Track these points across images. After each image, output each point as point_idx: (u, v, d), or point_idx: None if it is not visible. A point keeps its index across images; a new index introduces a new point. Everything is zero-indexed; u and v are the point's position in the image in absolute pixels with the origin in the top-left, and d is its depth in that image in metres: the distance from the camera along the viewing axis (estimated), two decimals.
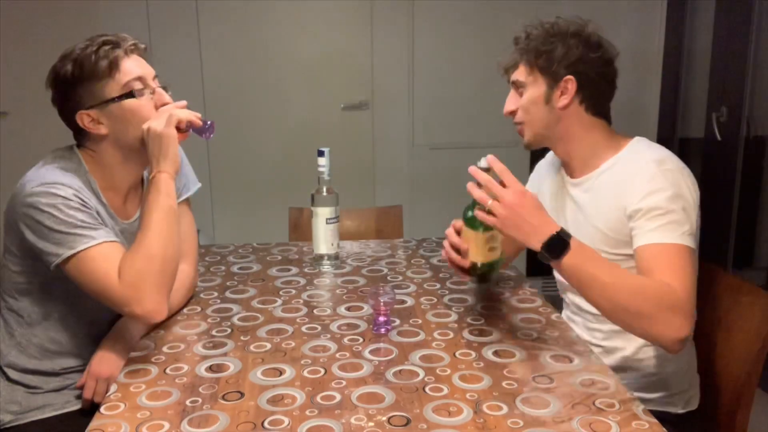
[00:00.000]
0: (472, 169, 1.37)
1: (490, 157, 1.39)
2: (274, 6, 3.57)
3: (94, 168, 1.52)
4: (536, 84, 1.54)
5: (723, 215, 3.23)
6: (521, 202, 1.32)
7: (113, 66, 1.45)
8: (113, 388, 1.31)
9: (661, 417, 1.21)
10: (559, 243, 1.30)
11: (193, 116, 1.52)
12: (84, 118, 1.47)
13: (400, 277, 1.91)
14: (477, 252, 1.48)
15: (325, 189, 1.96)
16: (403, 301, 1.73)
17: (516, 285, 1.84)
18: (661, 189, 1.41)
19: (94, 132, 1.48)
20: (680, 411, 1.53)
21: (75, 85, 1.45)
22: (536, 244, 1.32)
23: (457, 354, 1.43)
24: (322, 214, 1.94)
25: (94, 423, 1.19)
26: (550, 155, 1.76)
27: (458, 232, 1.52)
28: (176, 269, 1.49)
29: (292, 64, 3.63)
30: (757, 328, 1.50)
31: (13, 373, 1.55)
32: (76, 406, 1.55)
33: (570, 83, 1.50)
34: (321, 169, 1.97)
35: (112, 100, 1.46)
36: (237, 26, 3.57)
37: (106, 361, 1.49)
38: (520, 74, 1.56)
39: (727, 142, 3.18)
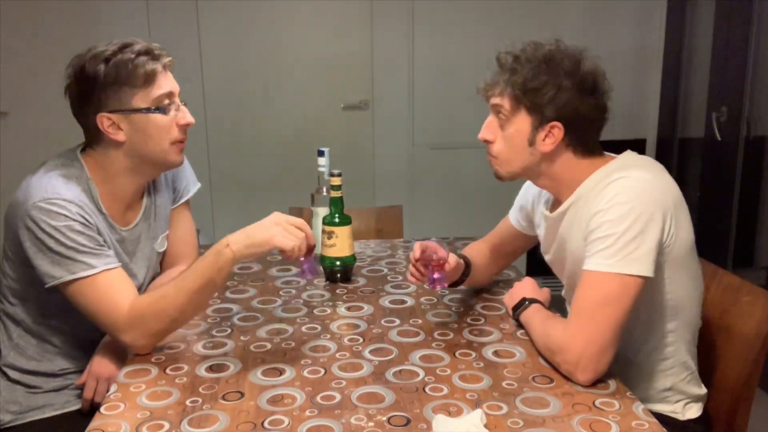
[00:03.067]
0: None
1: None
2: (274, 6, 3.57)
3: (97, 174, 1.49)
4: (519, 121, 1.40)
5: (723, 215, 3.23)
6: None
7: (150, 78, 1.43)
8: (113, 388, 1.31)
9: (662, 421, 1.20)
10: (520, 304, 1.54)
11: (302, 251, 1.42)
12: (104, 121, 1.43)
13: (400, 277, 1.91)
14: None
15: (325, 189, 1.96)
16: (402, 301, 1.73)
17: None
18: (605, 211, 1.31)
19: (111, 136, 1.45)
20: (682, 419, 1.52)
21: (104, 87, 1.41)
22: (509, 308, 1.59)
23: (457, 354, 1.43)
24: (322, 214, 1.94)
25: (94, 423, 1.19)
26: None
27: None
28: (182, 325, 1.50)
29: (292, 64, 3.63)
30: (757, 328, 1.50)
31: (12, 374, 1.55)
32: (76, 406, 1.55)
33: (557, 129, 1.37)
34: (321, 169, 1.97)
35: (140, 110, 1.44)
36: (237, 26, 3.57)
37: (106, 361, 1.49)
38: (504, 103, 1.41)
39: (727, 142, 3.18)
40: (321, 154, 1.97)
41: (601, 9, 3.65)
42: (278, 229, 1.38)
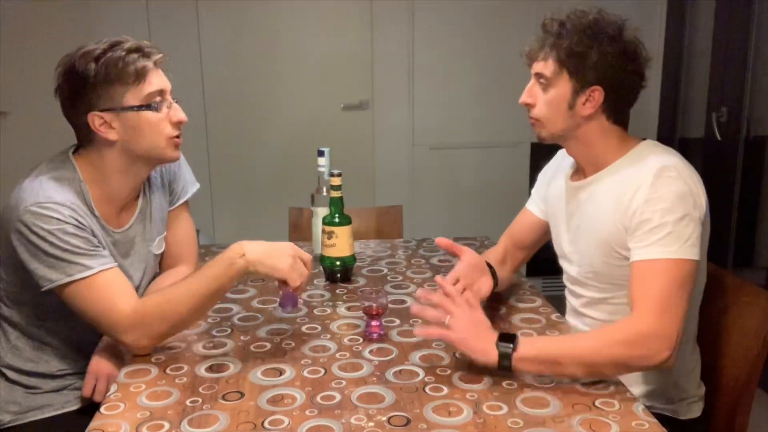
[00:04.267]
0: (438, 280, 1.44)
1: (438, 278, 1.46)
2: (274, 6, 3.57)
3: (91, 176, 1.48)
4: (562, 85, 1.44)
5: (723, 215, 3.23)
6: (474, 317, 1.36)
7: (140, 76, 1.42)
8: (113, 388, 1.31)
9: (663, 422, 1.20)
10: (506, 356, 1.30)
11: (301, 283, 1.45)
12: (95, 120, 1.43)
13: (400, 277, 1.91)
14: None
15: (325, 189, 1.96)
16: (402, 301, 1.73)
17: (516, 285, 1.83)
18: (656, 200, 1.36)
19: (103, 135, 1.44)
20: (682, 418, 1.52)
21: (95, 86, 1.40)
22: (489, 356, 1.31)
23: (457, 354, 1.43)
24: (322, 214, 1.94)
25: (94, 423, 1.19)
26: (554, 160, 1.72)
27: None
28: (185, 329, 1.49)
29: (292, 64, 3.63)
30: (757, 328, 1.50)
31: (11, 374, 1.54)
32: (76, 406, 1.55)
33: (597, 93, 1.42)
34: (321, 169, 1.97)
35: (131, 108, 1.43)
36: (237, 26, 3.57)
37: (105, 360, 1.49)
38: (546, 69, 1.45)
39: (727, 142, 3.18)
40: (321, 154, 1.97)
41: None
42: (291, 262, 1.42)
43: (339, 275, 1.87)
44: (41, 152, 1.56)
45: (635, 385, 1.50)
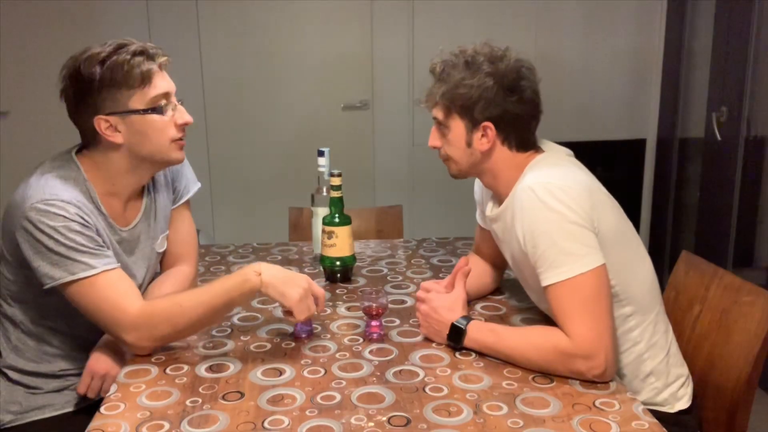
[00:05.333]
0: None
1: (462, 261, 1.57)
2: (274, 6, 3.57)
3: (95, 174, 1.49)
4: (455, 125, 1.48)
5: (723, 215, 3.23)
6: (436, 303, 1.48)
7: (146, 79, 1.42)
8: (113, 388, 1.31)
9: (656, 418, 1.21)
10: (457, 331, 1.42)
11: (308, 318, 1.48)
12: (101, 123, 1.43)
13: (400, 277, 1.91)
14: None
15: (325, 189, 1.96)
16: (403, 301, 1.73)
17: (516, 285, 1.83)
18: (530, 231, 1.37)
19: (109, 139, 1.44)
20: (672, 411, 1.53)
21: (100, 89, 1.40)
22: (444, 340, 1.45)
23: (457, 354, 1.43)
24: (322, 214, 1.94)
25: (94, 423, 1.19)
26: None
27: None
28: (188, 336, 1.49)
29: (292, 64, 3.63)
30: (757, 328, 1.50)
31: (12, 375, 1.54)
32: (77, 406, 1.55)
33: (489, 129, 1.45)
34: (321, 169, 1.97)
35: (137, 111, 1.43)
36: (237, 26, 3.57)
37: (104, 358, 1.49)
38: (438, 113, 1.50)
39: (727, 142, 3.18)
40: (321, 154, 1.97)
41: (600, 9, 3.65)
42: (303, 294, 1.42)
43: (339, 275, 1.87)
44: (41, 152, 1.56)
45: (620, 377, 1.51)
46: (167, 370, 1.37)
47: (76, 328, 1.52)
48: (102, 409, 1.24)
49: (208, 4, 3.51)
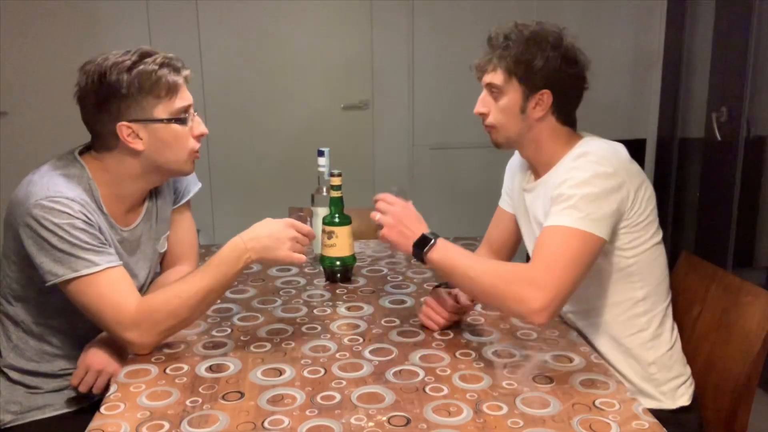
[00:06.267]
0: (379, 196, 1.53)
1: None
2: (274, 6, 3.57)
3: (102, 176, 1.49)
4: (512, 92, 1.53)
5: (723, 215, 3.22)
6: (403, 213, 1.48)
7: (172, 90, 1.45)
8: (113, 388, 1.31)
9: (654, 416, 1.21)
10: (424, 241, 1.43)
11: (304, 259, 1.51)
12: (124, 130, 1.43)
13: (400, 277, 1.91)
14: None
15: (325, 189, 1.96)
16: (402, 301, 1.73)
17: None
18: (570, 179, 1.43)
19: (130, 145, 1.45)
20: (672, 407, 1.53)
21: (126, 97, 1.41)
22: (409, 247, 1.45)
23: (457, 354, 1.43)
24: (322, 214, 1.94)
25: (94, 423, 1.19)
26: (516, 155, 1.78)
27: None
28: (188, 326, 1.50)
29: (292, 64, 3.63)
30: (757, 328, 1.50)
31: (13, 374, 1.54)
32: (77, 406, 1.55)
33: (546, 96, 1.51)
34: (321, 169, 1.97)
35: (161, 120, 1.45)
36: (237, 26, 3.57)
37: (100, 353, 1.48)
38: (496, 78, 1.54)
39: (727, 142, 3.17)
40: (321, 154, 1.97)
41: (600, 9, 3.65)
42: (290, 245, 1.47)
43: (339, 275, 1.87)
44: (41, 152, 1.56)
45: (621, 360, 1.54)
46: (167, 370, 1.37)
47: (77, 328, 1.52)
48: (102, 409, 1.24)
49: (208, 4, 3.52)
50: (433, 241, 1.43)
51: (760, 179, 3.30)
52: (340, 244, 1.84)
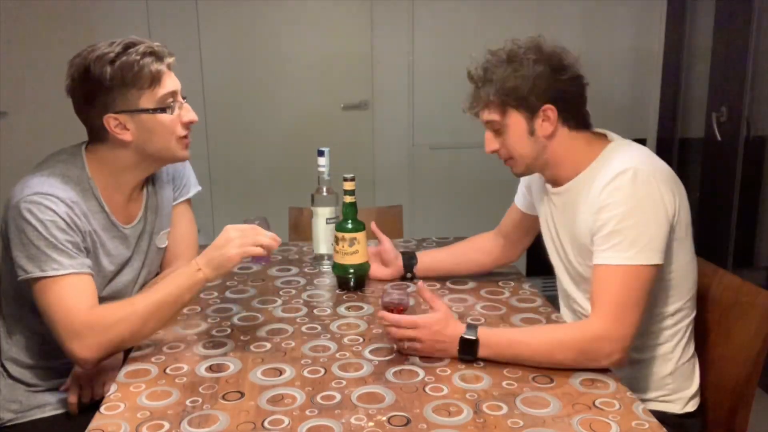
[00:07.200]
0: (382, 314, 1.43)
1: (420, 284, 1.53)
2: (274, 6, 3.57)
3: (99, 169, 1.50)
4: (514, 120, 1.48)
5: (723, 215, 3.23)
6: (428, 331, 1.38)
7: (155, 80, 1.44)
8: (113, 387, 1.31)
9: (659, 417, 1.21)
10: (466, 344, 1.37)
11: (262, 250, 1.45)
12: (111, 122, 1.44)
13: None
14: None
15: (325, 189, 1.96)
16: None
17: (516, 285, 1.84)
18: (613, 205, 1.38)
19: (118, 136, 1.46)
20: (678, 411, 1.53)
21: (111, 89, 1.41)
22: (455, 355, 1.39)
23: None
24: (322, 214, 1.94)
25: (94, 423, 1.19)
26: None
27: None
28: (138, 342, 1.47)
29: (292, 64, 3.63)
30: (757, 328, 1.50)
31: (14, 370, 1.55)
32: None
33: (550, 110, 1.46)
34: (321, 169, 1.97)
35: (146, 110, 1.45)
36: (237, 26, 3.56)
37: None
38: (492, 115, 1.50)
39: (727, 142, 3.17)
40: (321, 154, 1.97)
41: (600, 9, 3.64)
42: (239, 243, 1.42)
43: (354, 282, 1.80)
44: (41, 152, 1.56)
45: (638, 370, 1.53)
46: (167, 370, 1.37)
47: None
48: (102, 409, 1.24)
49: (208, 4, 3.51)
50: (475, 339, 1.36)
51: (760, 179, 3.31)
52: (362, 250, 1.80)
